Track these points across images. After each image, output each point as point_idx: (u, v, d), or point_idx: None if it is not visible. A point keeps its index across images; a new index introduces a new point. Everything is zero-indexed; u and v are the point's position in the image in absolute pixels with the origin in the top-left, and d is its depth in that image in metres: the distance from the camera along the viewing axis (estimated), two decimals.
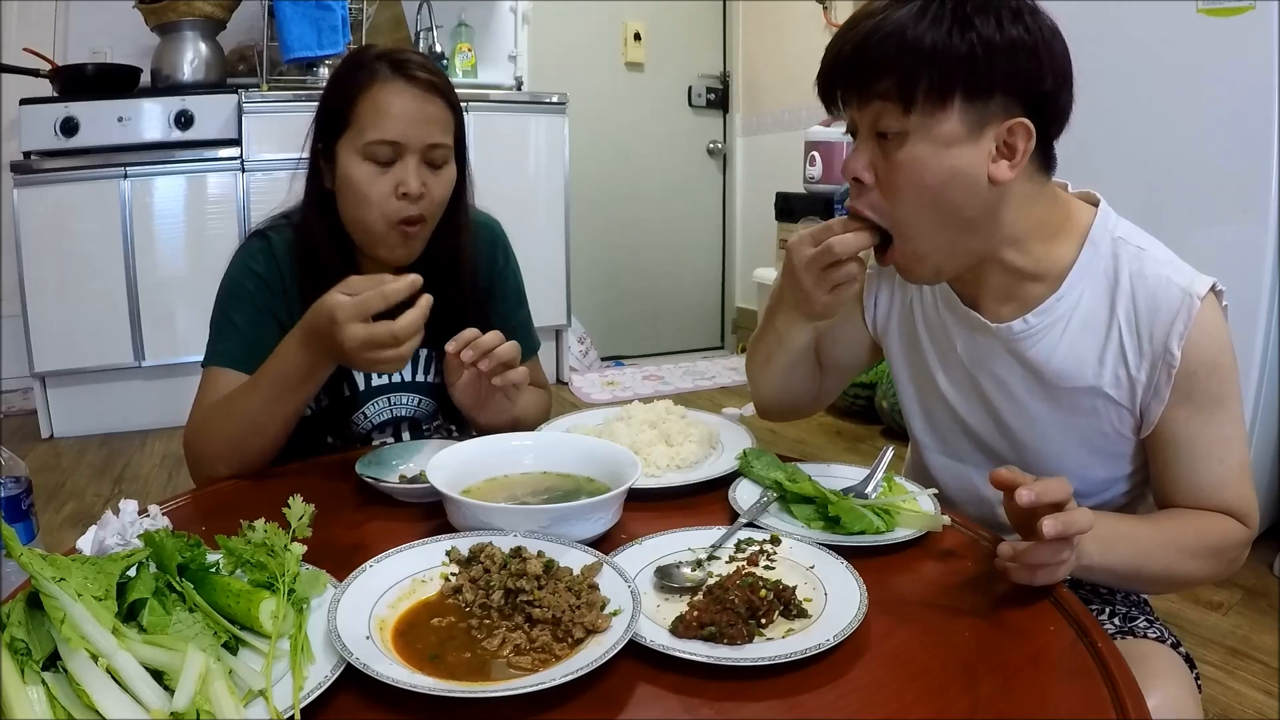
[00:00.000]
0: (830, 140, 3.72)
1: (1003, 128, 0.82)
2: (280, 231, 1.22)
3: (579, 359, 4.08)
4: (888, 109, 0.82)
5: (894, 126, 0.83)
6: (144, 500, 0.84)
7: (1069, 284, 0.91)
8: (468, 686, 0.61)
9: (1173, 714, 0.81)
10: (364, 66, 1.12)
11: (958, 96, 0.80)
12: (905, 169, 0.83)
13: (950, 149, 0.82)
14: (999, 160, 0.83)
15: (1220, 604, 1.94)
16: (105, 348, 3.09)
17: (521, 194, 3.62)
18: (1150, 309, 0.88)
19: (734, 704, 0.63)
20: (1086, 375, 0.92)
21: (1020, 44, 0.79)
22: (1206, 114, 1.97)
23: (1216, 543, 0.91)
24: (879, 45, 0.80)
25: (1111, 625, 0.96)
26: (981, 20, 0.78)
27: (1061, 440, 0.98)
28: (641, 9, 4.44)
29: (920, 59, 0.79)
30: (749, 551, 0.85)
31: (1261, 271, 1.93)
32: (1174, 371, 0.88)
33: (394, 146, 1.10)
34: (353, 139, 1.11)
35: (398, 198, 1.10)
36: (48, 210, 2.97)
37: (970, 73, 0.79)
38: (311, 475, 1.09)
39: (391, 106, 1.09)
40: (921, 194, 0.84)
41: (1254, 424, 2.00)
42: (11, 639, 0.58)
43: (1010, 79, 0.80)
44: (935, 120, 0.81)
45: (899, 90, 0.81)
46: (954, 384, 1.04)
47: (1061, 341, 0.92)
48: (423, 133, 1.11)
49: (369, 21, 3.56)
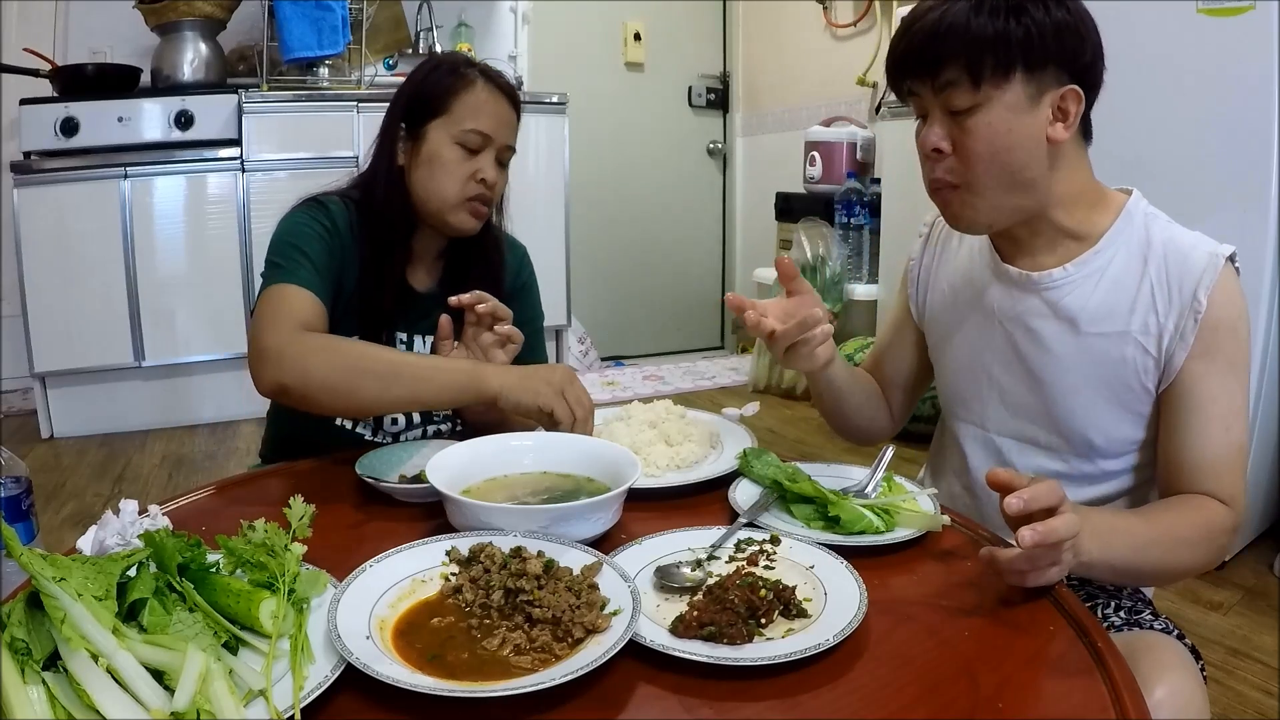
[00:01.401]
0: (830, 140, 3.72)
1: (1057, 94, 0.94)
2: (334, 203, 1.27)
3: (579, 359, 4.08)
4: (958, 89, 0.93)
5: (965, 102, 0.94)
6: (144, 500, 0.84)
7: (1106, 241, 1.00)
8: (468, 686, 0.61)
9: (1181, 704, 0.82)
10: (463, 66, 1.28)
11: (1019, 71, 0.92)
12: (979, 135, 0.94)
13: (1016, 115, 0.93)
14: (1055, 123, 0.94)
15: (1220, 604, 1.94)
16: (105, 348, 3.09)
17: (521, 194, 3.57)
18: (1180, 265, 0.97)
19: (734, 704, 0.63)
20: (1118, 321, 0.99)
21: (1065, 24, 0.92)
22: (1206, 114, 1.97)
23: (1207, 531, 0.94)
24: (945, 37, 0.92)
25: (1118, 618, 0.98)
26: (1032, 6, 0.91)
27: (1089, 392, 1.02)
28: (641, 9, 4.44)
29: (985, 45, 0.91)
30: (749, 551, 0.85)
31: (1262, 271, 1.93)
32: (1200, 318, 0.95)
33: (483, 138, 1.26)
34: (447, 125, 1.25)
35: (475, 181, 1.26)
36: (48, 210, 2.97)
37: (1028, 51, 0.91)
38: (311, 475, 1.10)
39: (488, 105, 1.27)
40: (994, 155, 0.94)
41: (1254, 424, 2.00)
42: (12, 639, 0.58)
43: (1060, 54, 0.92)
44: (1001, 92, 0.92)
45: (969, 72, 0.92)
46: (989, 343, 1.10)
47: (1096, 290, 1.00)
48: (504, 134, 1.29)
49: (369, 21, 3.56)
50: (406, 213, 1.28)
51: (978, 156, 0.94)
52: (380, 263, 1.25)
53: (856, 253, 3.57)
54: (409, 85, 1.30)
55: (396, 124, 1.29)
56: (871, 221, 3.50)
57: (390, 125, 1.29)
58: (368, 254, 1.25)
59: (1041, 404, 1.06)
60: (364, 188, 1.30)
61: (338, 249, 1.22)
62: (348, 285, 1.24)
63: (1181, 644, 0.93)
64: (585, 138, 4.05)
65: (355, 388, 1.06)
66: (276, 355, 1.05)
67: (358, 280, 1.24)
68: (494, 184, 1.28)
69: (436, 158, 1.25)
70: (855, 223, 3.54)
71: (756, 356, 3.77)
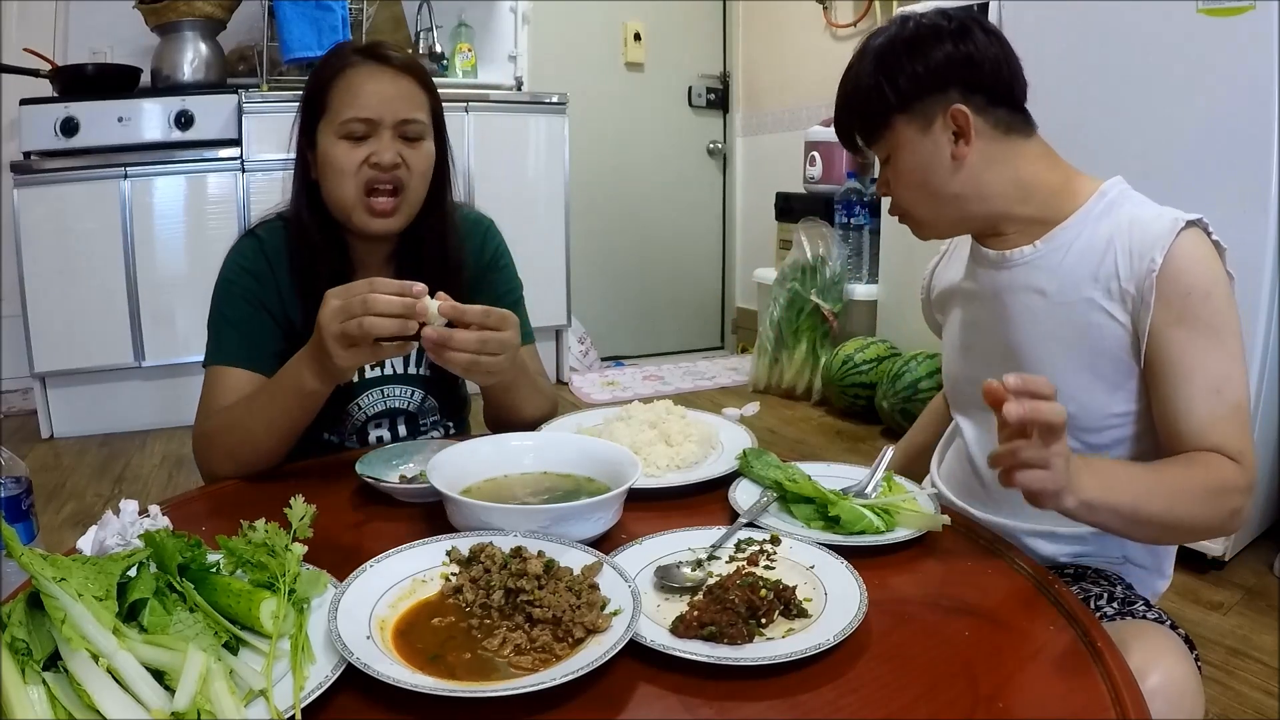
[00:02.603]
0: (830, 140, 3.72)
1: (946, 117, 1.02)
2: (273, 229, 1.25)
3: (579, 359, 4.08)
4: (871, 145, 1.09)
5: (882, 153, 1.08)
6: (144, 500, 0.84)
7: (1076, 218, 1.04)
8: (468, 686, 0.61)
9: (1175, 692, 0.82)
10: (338, 55, 1.19)
11: (896, 115, 1.04)
12: (900, 173, 1.07)
13: (917, 148, 1.04)
14: (957, 142, 1.03)
15: (1220, 604, 1.94)
16: (105, 348, 3.09)
17: (521, 194, 3.62)
18: (1142, 232, 0.99)
19: (734, 704, 0.63)
20: (1083, 289, 1.02)
21: (946, 60, 1.01)
22: (1206, 114, 1.97)
23: (1215, 485, 0.93)
24: (842, 111, 1.10)
25: (1110, 609, 0.97)
26: (892, 59, 1.02)
27: (1061, 361, 1.04)
28: (641, 9, 4.44)
29: (861, 107, 1.07)
30: (749, 551, 0.85)
31: (1262, 271, 1.93)
32: (1154, 276, 0.95)
33: (366, 123, 1.15)
34: (329, 122, 1.17)
35: (368, 166, 1.15)
36: (48, 210, 2.97)
37: (895, 98, 1.03)
38: (311, 475, 1.10)
39: (364, 86, 1.16)
40: (915, 186, 1.06)
41: (1254, 423, 2.00)
42: (12, 639, 0.58)
43: (930, 86, 1.02)
44: (895, 134, 1.05)
45: (863, 132, 1.08)
46: (975, 324, 1.16)
47: (1064, 262, 1.04)
48: (395, 108, 1.16)
49: (369, 21, 3.57)
50: (330, 228, 1.22)
51: (904, 189, 1.08)
52: (315, 286, 1.08)
53: (856, 253, 3.57)
54: (304, 90, 1.22)
55: (301, 137, 1.22)
56: (871, 221, 3.50)
57: (299, 140, 1.23)
58: (303, 280, 1.19)
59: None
60: (292, 211, 1.24)
61: (270, 289, 1.20)
62: (295, 315, 1.20)
63: (1175, 633, 0.94)
64: (585, 138, 4.05)
65: (254, 448, 1.08)
66: (201, 454, 1.13)
67: (302, 308, 1.20)
68: (392, 164, 1.15)
69: (327, 160, 1.17)
70: (855, 223, 3.54)
71: (756, 356, 3.77)
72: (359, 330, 0.93)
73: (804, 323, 3.55)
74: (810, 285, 3.51)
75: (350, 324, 0.93)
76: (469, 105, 3.46)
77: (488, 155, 3.51)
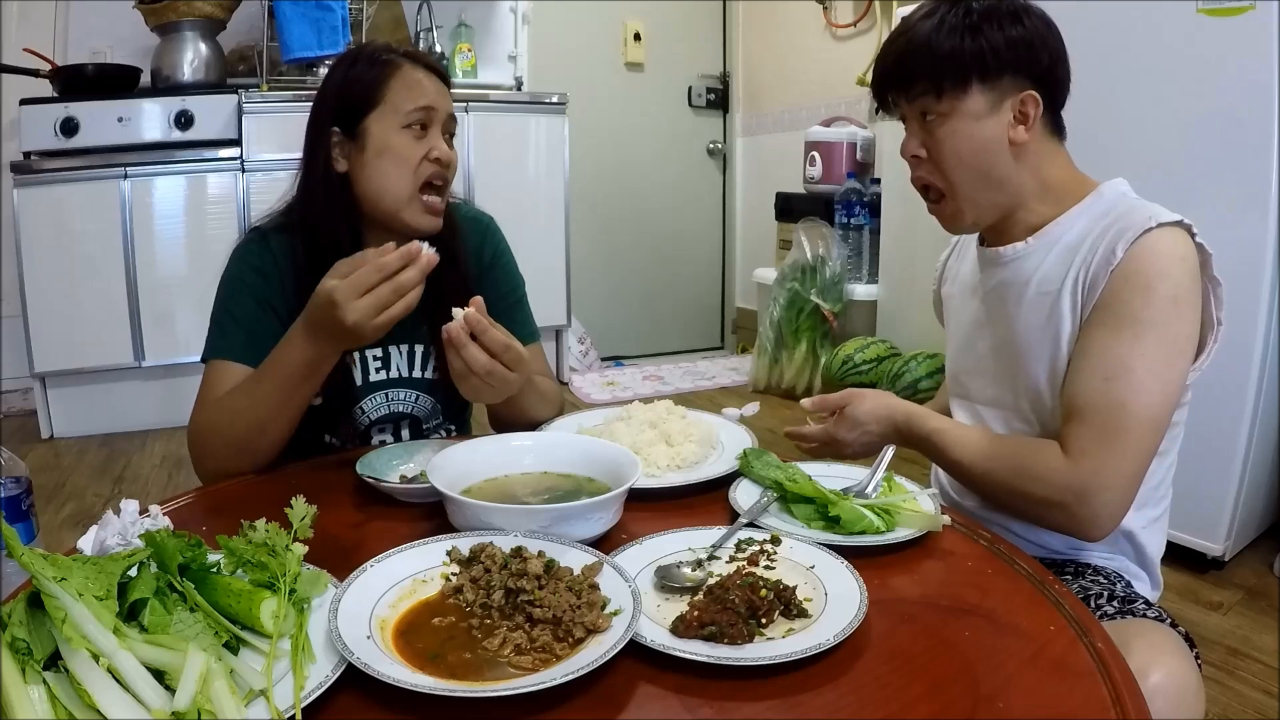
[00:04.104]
0: (830, 140, 3.72)
1: (1016, 100, 1.03)
2: (277, 230, 1.25)
3: (579, 359, 4.08)
4: (927, 100, 1.04)
5: (934, 111, 1.04)
6: (144, 500, 0.84)
7: (1066, 216, 1.07)
8: (468, 686, 0.61)
9: (1176, 689, 0.82)
10: (384, 52, 1.24)
11: (975, 83, 1.02)
12: (947, 141, 1.04)
13: (978, 121, 1.03)
14: (1016, 126, 1.03)
15: (1220, 604, 1.94)
16: (105, 348, 3.09)
17: (521, 194, 3.62)
18: (1118, 230, 1.00)
19: (734, 704, 0.63)
20: (1058, 282, 1.04)
21: (1018, 39, 1.01)
22: (1206, 114, 1.97)
23: (1027, 466, 0.99)
24: (914, 55, 1.04)
25: (1111, 607, 0.98)
26: (987, 26, 1.01)
27: (1039, 350, 1.06)
28: (641, 9, 4.44)
29: (944, 60, 1.02)
30: (749, 551, 0.85)
31: (1262, 271, 1.93)
32: (1112, 269, 0.97)
33: (428, 112, 1.21)
34: (387, 113, 1.20)
35: (430, 161, 1.20)
36: (48, 210, 2.97)
37: (981, 65, 1.01)
38: (311, 475, 1.10)
39: (422, 82, 1.22)
40: (962, 157, 1.05)
41: (1254, 423, 2.00)
42: (13, 639, 0.58)
43: (1014, 65, 1.02)
44: (962, 101, 1.02)
45: (933, 85, 1.03)
46: (972, 319, 1.19)
47: (1048, 258, 1.06)
48: (446, 104, 1.24)
49: (369, 21, 3.56)
50: (352, 221, 1.22)
51: (949, 160, 1.05)
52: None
53: (856, 253, 3.57)
54: (332, 86, 1.24)
55: (326, 130, 1.22)
56: (871, 221, 3.50)
57: (319, 133, 1.22)
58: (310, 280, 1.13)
59: (1006, 369, 1.12)
60: (301, 207, 1.24)
61: (276, 289, 1.20)
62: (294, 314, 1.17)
63: (1175, 631, 0.94)
64: (585, 138, 4.05)
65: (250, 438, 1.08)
66: (197, 448, 1.13)
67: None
68: (449, 162, 1.22)
69: (386, 148, 1.19)
70: (855, 223, 3.54)
71: (756, 356, 3.77)
72: (401, 313, 0.98)
73: (804, 323, 3.55)
74: (810, 285, 3.51)
75: (394, 310, 0.97)
76: (469, 105, 3.46)
77: (488, 155, 3.51)
